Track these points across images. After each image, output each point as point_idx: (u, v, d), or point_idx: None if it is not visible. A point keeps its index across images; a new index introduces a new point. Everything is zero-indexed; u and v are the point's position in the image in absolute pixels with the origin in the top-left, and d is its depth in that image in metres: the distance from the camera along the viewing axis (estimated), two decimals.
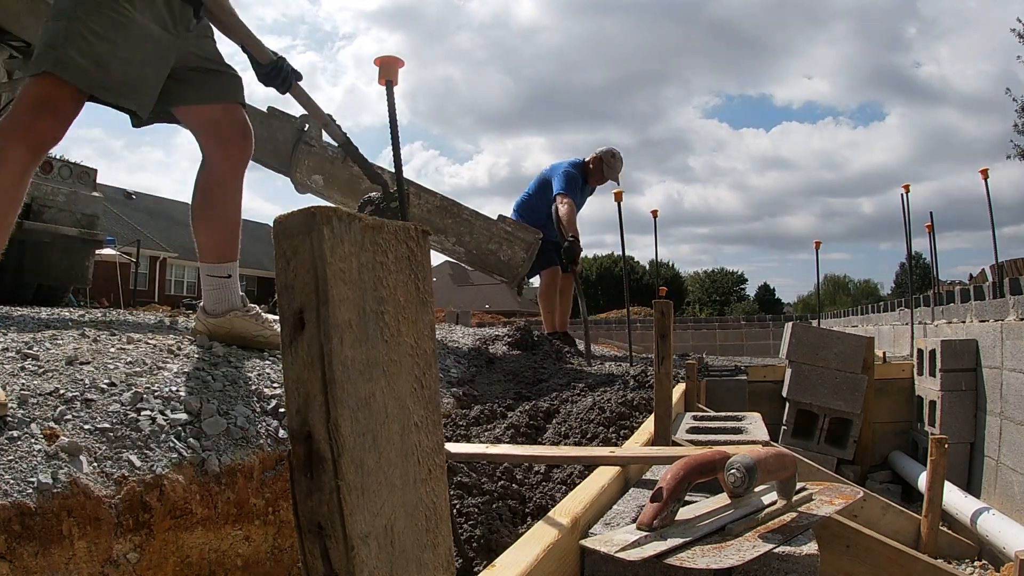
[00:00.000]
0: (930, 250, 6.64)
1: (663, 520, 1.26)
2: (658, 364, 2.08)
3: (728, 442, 2.35)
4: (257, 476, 1.68)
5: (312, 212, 0.58)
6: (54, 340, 1.94)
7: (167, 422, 1.60)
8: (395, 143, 2.23)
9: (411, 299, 0.70)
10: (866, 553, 1.94)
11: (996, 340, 3.88)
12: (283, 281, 0.59)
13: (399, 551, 0.65)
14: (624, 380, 3.31)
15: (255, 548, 1.65)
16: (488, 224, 4.50)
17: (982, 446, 3.98)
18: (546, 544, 1.21)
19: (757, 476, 1.31)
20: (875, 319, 8.47)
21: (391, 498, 0.64)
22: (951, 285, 8.50)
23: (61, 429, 1.42)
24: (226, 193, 2.22)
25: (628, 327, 4.82)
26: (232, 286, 2.26)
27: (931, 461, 3.25)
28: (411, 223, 0.71)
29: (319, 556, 0.58)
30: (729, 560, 1.15)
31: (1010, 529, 3.07)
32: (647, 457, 1.95)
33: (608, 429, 2.55)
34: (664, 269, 38.77)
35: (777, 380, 4.86)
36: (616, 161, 5.16)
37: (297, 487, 0.59)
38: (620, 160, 5.19)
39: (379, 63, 2.18)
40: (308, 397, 0.58)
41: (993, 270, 6.45)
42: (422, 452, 0.70)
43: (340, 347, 0.58)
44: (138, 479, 1.42)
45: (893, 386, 4.88)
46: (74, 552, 1.27)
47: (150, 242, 26.31)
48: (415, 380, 0.70)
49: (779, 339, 5.38)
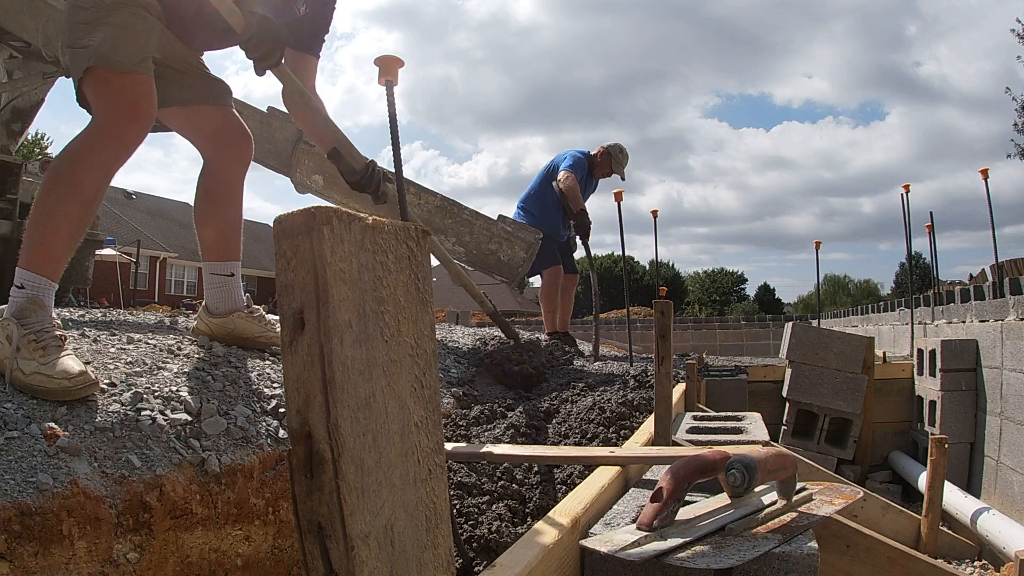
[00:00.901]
0: (930, 250, 6.66)
1: (663, 520, 1.26)
2: (658, 364, 2.08)
3: (728, 442, 2.35)
4: (257, 476, 1.68)
5: (312, 212, 0.58)
6: None
7: (167, 422, 1.60)
8: (395, 143, 2.23)
9: (411, 299, 0.70)
10: (866, 553, 1.94)
11: (996, 340, 3.88)
12: (283, 281, 0.59)
13: (399, 551, 0.65)
14: (624, 380, 3.31)
15: (255, 548, 1.65)
16: (488, 224, 4.50)
17: (982, 446, 3.98)
18: (546, 544, 1.21)
19: (757, 476, 1.31)
20: (875, 319, 8.47)
21: (391, 498, 0.64)
22: (951, 285, 8.50)
23: (61, 429, 1.42)
24: (229, 195, 2.23)
25: (628, 327, 4.82)
26: (235, 285, 2.27)
27: (931, 461, 3.25)
28: (411, 223, 0.71)
29: (319, 556, 0.58)
30: (729, 560, 1.15)
31: (1010, 529, 3.07)
32: (647, 457, 1.95)
33: (608, 429, 2.55)
34: (664, 269, 38.80)
35: (777, 380, 4.86)
36: (623, 156, 5.25)
37: (297, 487, 0.59)
38: (627, 155, 5.29)
39: (379, 63, 2.18)
40: (308, 397, 0.58)
41: (993, 270, 6.44)
42: (422, 452, 0.70)
43: (340, 347, 0.58)
44: (138, 479, 1.42)
45: (893, 386, 4.88)
46: (74, 552, 1.27)
47: (150, 242, 26.31)
48: (415, 380, 0.70)
49: (779, 339, 5.38)
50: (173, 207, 31.82)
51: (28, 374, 1.50)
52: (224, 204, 2.22)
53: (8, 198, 4.60)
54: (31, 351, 1.54)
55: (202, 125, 2.18)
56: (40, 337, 1.57)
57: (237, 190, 2.25)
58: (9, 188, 4.62)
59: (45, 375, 1.50)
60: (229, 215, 2.24)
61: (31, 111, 4.73)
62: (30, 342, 1.55)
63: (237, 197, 2.26)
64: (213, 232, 2.23)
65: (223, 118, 2.18)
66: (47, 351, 1.54)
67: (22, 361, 1.52)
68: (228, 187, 2.22)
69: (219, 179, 2.21)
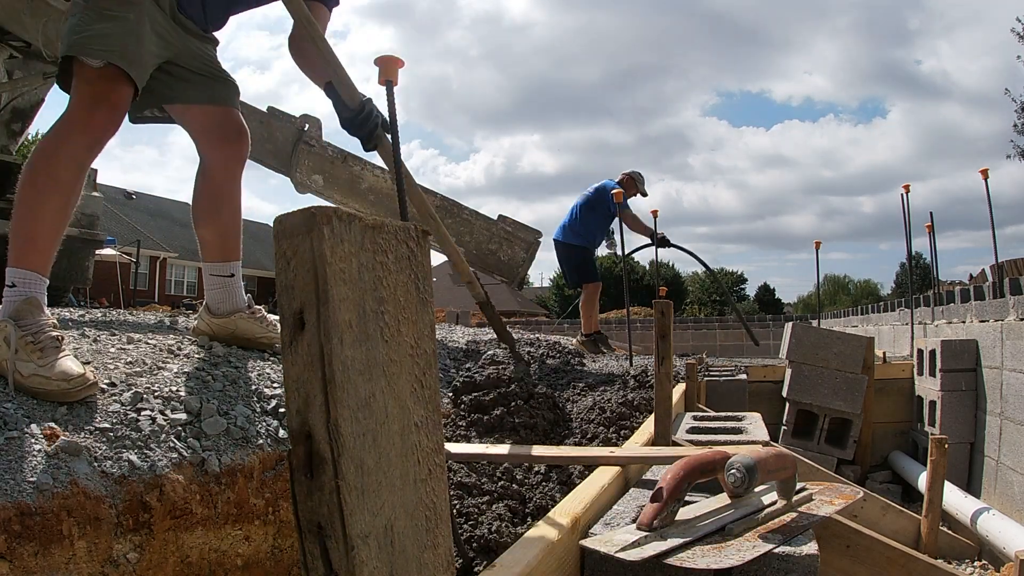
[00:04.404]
0: (930, 250, 6.65)
1: (663, 520, 1.26)
2: (658, 364, 2.08)
3: (728, 442, 2.35)
4: (257, 476, 1.68)
5: (312, 212, 0.58)
6: None
7: (167, 422, 1.60)
8: (395, 143, 2.23)
9: (411, 299, 0.70)
10: (866, 553, 1.94)
11: (996, 340, 3.88)
12: (283, 281, 0.59)
13: (399, 551, 0.65)
14: (624, 380, 3.31)
15: (255, 548, 1.65)
16: (488, 224, 4.50)
17: (982, 446, 3.98)
18: (546, 544, 1.21)
19: (757, 476, 1.31)
20: (875, 319, 8.47)
21: (391, 498, 0.64)
22: (951, 285, 8.50)
23: (61, 429, 1.42)
24: (226, 193, 2.23)
25: (628, 327, 4.83)
26: (236, 286, 2.27)
27: (931, 461, 3.25)
28: (411, 223, 0.71)
29: (319, 556, 0.58)
30: (729, 560, 1.15)
31: (1010, 529, 3.07)
32: (647, 457, 1.95)
33: (608, 429, 2.55)
34: (664, 269, 38.75)
35: (777, 380, 4.86)
36: (642, 178, 6.28)
37: (297, 487, 0.59)
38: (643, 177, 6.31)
39: (379, 63, 2.18)
40: (308, 397, 0.58)
41: (993, 270, 6.44)
42: (422, 452, 0.70)
43: (340, 347, 0.58)
44: (138, 479, 1.42)
45: (893, 386, 4.88)
46: (74, 552, 1.27)
47: (150, 242, 26.31)
48: (415, 380, 0.70)
49: (779, 339, 5.38)
50: (173, 207, 31.80)
51: (27, 376, 1.50)
52: (221, 203, 2.22)
53: (8, 198, 4.60)
54: (29, 352, 1.53)
55: (202, 122, 2.18)
56: (37, 338, 1.57)
57: (233, 188, 2.24)
58: (9, 188, 4.62)
59: (43, 377, 1.50)
60: (226, 214, 2.23)
61: (31, 111, 4.73)
62: (27, 343, 1.55)
63: (234, 196, 2.25)
64: (211, 231, 2.23)
65: (222, 116, 2.18)
66: (45, 352, 1.54)
67: (20, 363, 1.52)
68: (223, 185, 2.22)
69: (214, 177, 2.20)
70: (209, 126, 2.18)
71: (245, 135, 2.22)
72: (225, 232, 2.25)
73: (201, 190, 2.22)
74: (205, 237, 2.24)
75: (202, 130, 2.18)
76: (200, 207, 2.22)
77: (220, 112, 2.18)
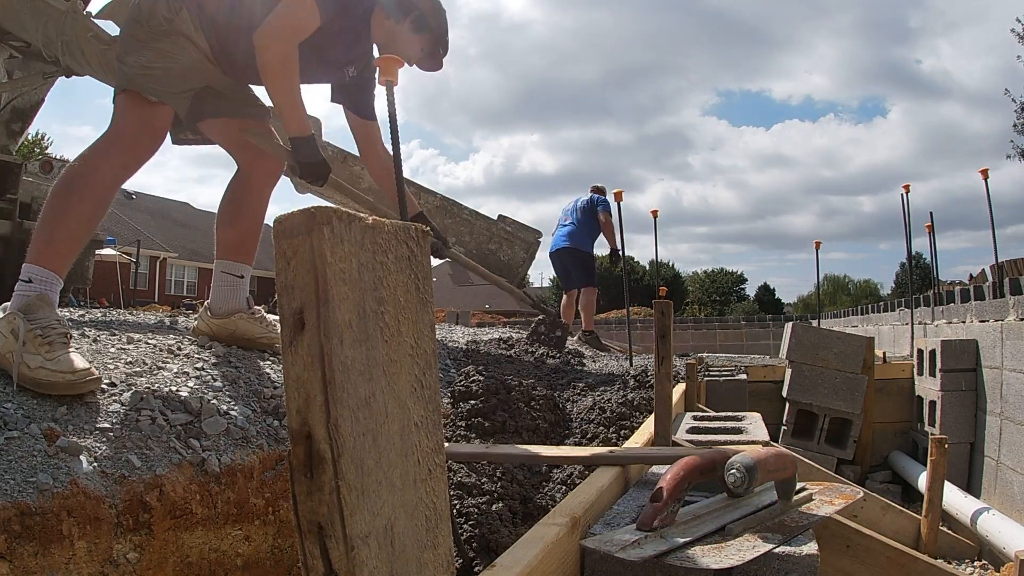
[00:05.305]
0: (930, 250, 6.65)
1: (663, 520, 1.26)
2: (658, 364, 2.08)
3: (728, 442, 2.35)
4: (257, 476, 1.68)
5: (312, 212, 0.58)
6: None
7: (167, 422, 1.60)
8: (395, 143, 2.22)
9: (411, 299, 0.70)
10: (866, 553, 1.94)
11: (996, 340, 3.88)
12: (283, 281, 0.59)
13: (399, 551, 0.65)
14: (624, 380, 3.31)
15: (255, 548, 1.65)
16: (488, 224, 4.50)
17: (982, 446, 3.98)
18: (546, 544, 1.21)
19: (757, 476, 1.31)
20: (875, 319, 8.47)
21: (391, 498, 0.64)
22: (951, 285, 8.50)
23: (61, 429, 1.42)
24: (253, 203, 2.36)
25: (628, 327, 4.83)
26: (242, 288, 2.34)
27: (931, 461, 3.25)
28: (411, 223, 0.71)
29: (319, 556, 0.58)
30: (729, 560, 1.14)
31: (1010, 529, 3.07)
32: (647, 457, 1.95)
33: (608, 429, 2.55)
34: (664, 269, 38.80)
35: (777, 380, 4.85)
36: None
37: (297, 487, 0.59)
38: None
39: (379, 63, 2.18)
40: (308, 397, 0.58)
41: (993, 270, 6.44)
42: (422, 452, 0.70)
43: (340, 347, 0.58)
44: (138, 479, 1.42)
45: (893, 386, 4.88)
46: (74, 552, 1.27)
47: (150, 242, 26.29)
48: (415, 380, 0.70)
49: (779, 339, 5.39)
50: (173, 207, 31.78)
51: (33, 368, 1.53)
52: (248, 210, 2.34)
53: (8, 198, 4.61)
54: (36, 346, 1.56)
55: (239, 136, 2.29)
56: (46, 333, 1.60)
57: (263, 200, 2.38)
58: (9, 188, 4.63)
59: (50, 369, 1.52)
60: (250, 220, 2.35)
61: (31, 111, 4.74)
62: (36, 336, 1.58)
63: (261, 207, 2.38)
64: (233, 233, 2.33)
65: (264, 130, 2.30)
66: (53, 346, 1.57)
67: (28, 355, 1.55)
68: (255, 196, 2.35)
69: (248, 187, 2.33)
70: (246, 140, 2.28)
71: (283, 156, 2.28)
72: (245, 236, 2.35)
73: (232, 195, 2.33)
74: (226, 238, 2.33)
75: (242, 142, 2.28)
76: (227, 210, 2.33)
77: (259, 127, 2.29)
